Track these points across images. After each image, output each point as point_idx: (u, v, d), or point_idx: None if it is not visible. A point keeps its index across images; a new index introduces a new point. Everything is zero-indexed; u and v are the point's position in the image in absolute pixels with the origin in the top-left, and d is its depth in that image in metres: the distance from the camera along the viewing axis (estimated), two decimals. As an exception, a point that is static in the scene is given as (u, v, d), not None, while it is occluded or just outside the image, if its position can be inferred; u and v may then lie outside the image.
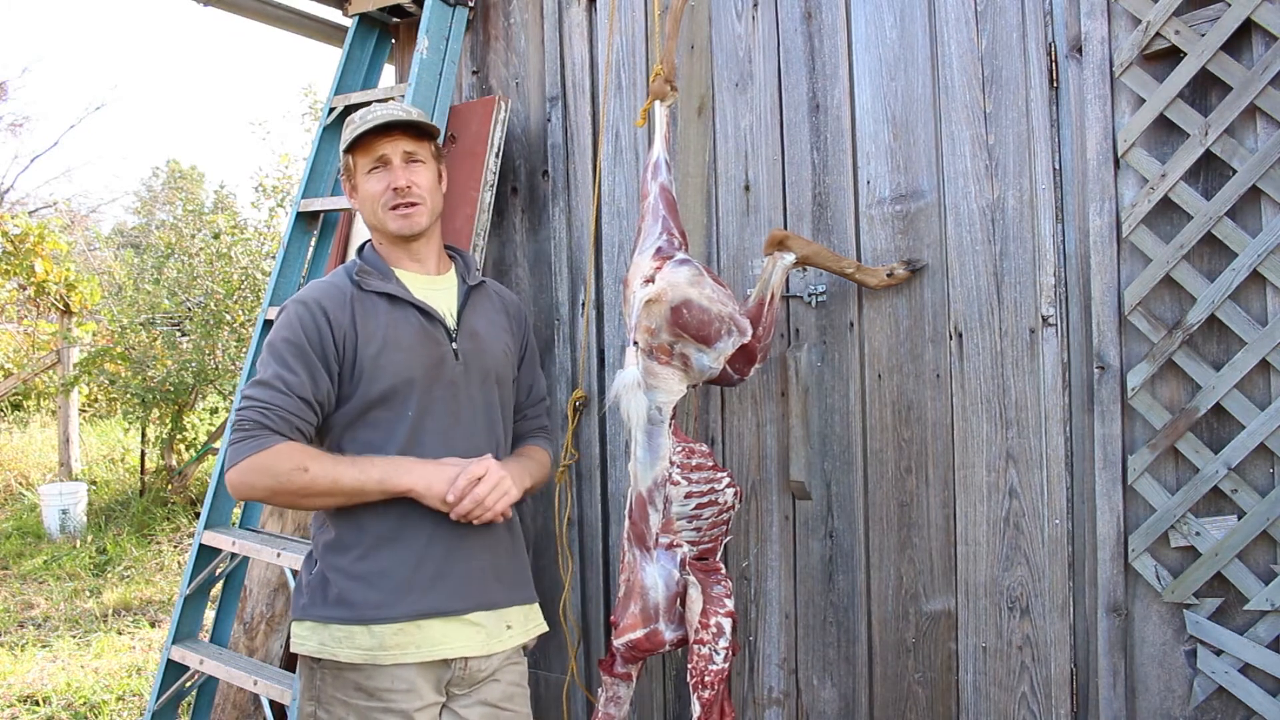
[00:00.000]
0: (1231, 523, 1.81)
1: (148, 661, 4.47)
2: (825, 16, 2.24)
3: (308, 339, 1.73)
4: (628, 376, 1.91)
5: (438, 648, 1.74)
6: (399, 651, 1.71)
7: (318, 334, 1.74)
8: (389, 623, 1.71)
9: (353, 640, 1.70)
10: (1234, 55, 1.80)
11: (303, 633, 1.76)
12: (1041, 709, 1.99)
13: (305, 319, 1.75)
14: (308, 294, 1.80)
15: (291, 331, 1.74)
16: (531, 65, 2.74)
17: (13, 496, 8.04)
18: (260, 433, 1.66)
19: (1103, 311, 1.92)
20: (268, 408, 1.67)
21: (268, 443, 1.65)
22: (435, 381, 1.79)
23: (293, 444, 1.68)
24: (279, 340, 1.74)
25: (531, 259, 2.74)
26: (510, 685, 1.86)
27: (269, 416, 1.67)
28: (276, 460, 1.65)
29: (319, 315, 1.75)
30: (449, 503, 1.72)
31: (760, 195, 2.34)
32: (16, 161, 19.46)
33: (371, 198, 1.85)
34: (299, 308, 1.77)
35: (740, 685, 2.37)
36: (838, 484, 2.23)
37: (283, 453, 1.66)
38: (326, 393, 1.74)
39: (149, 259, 8.42)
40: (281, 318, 1.78)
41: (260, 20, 3.25)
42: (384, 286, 1.80)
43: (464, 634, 1.77)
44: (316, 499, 1.69)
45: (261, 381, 1.71)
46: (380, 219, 1.85)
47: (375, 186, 1.84)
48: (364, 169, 1.85)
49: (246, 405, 1.69)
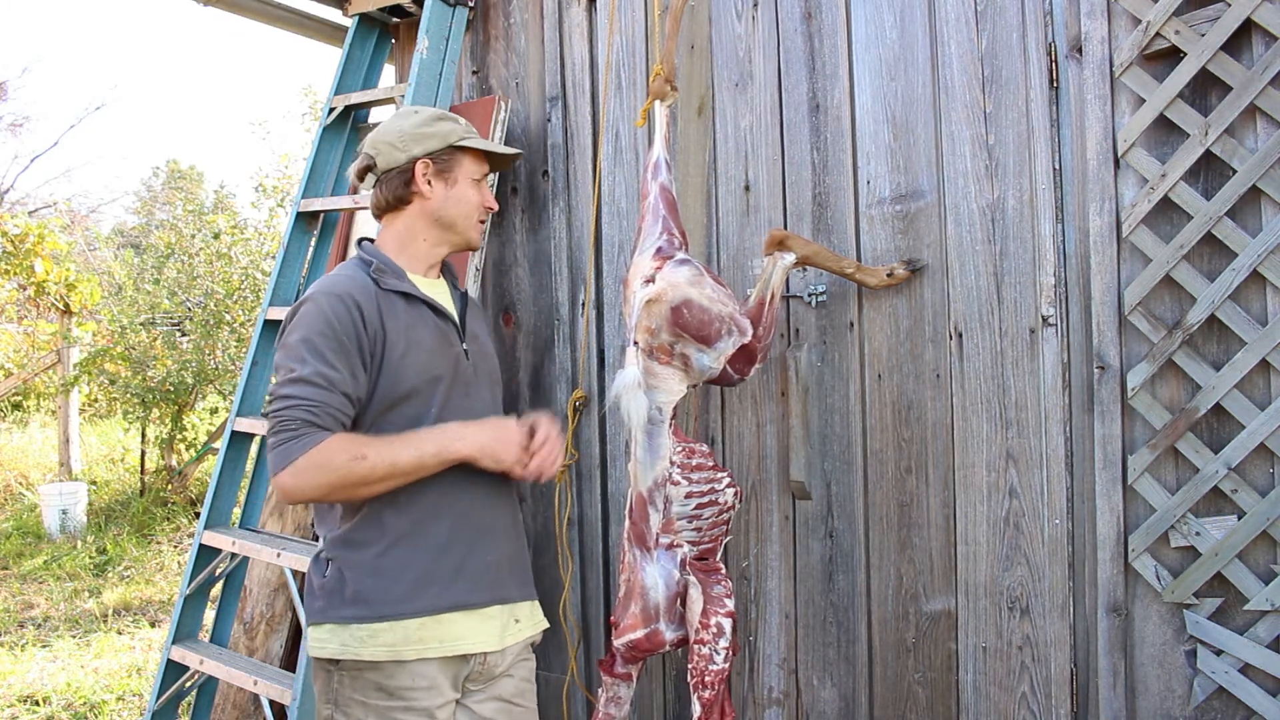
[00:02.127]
0: (1231, 523, 1.81)
1: (148, 661, 4.47)
2: (825, 16, 2.24)
3: (344, 332, 1.69)
4: (628, 376, 1.91)
5: (460, 642, 1.74)
6: (422, 646, 1.71)
7: (353, 327, 1.69)
8: (412, 618, 1.70)
9: (376, 638, 1.69)
10: (1234, 55, 1.80)
11: (322, 636, 1.73)
12: (1041, 709, 1.99)
13: (340, 312, 1.69)
14: (337, 286, 1.74)
15: (327, 325, 1.68)
16: (531, 65, 2.74)
17: (13, 496, 8.04)
18: (308, 430, 1.61)
19: (1103, 311, 1.92)
20: (314, 405, 1.63)
21: (318, 438, 1.61)
22: (454, 381, 1.80)
23: (343, 434, 1.64)
24: (315, 334, 1.68)
25: (531, 259, 2.74)
26: (522, 681, 1.88)
27: (315, 414, 1.62)
28: (332, 454, 1.61)
29: (353, 309, 1.70)
30: (521, 466, 1.74)
31: (760, 195, 2.34)
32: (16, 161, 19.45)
33: (474, 206, 1.88)
34: (332, 300, 1.71)
35: (740, 685, 2.37)
36: (838, 484, 2.24)
37: (335, 445, 1.61)
38: (364, 388, 1.71)
39: (149, 259, 8.41)
40: (311, 310, 1.71)
41: (260, 20, 3.25)
42: (401, 286, 1.80)
43: (484, 628, 1.78)
44: (376, 485, 1.66)
45: (302, 379, 1.64)
46: (469, 226, 1.89)
47: (478, 197, 1.89)
48: (474, 174, 1.88)
49: (291, 404, 1.63)
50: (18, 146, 21.36)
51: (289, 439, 1.61)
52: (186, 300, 7.69)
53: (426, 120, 1.85)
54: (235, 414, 2.76)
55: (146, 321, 7.73)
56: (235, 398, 2.79)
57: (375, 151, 1.84)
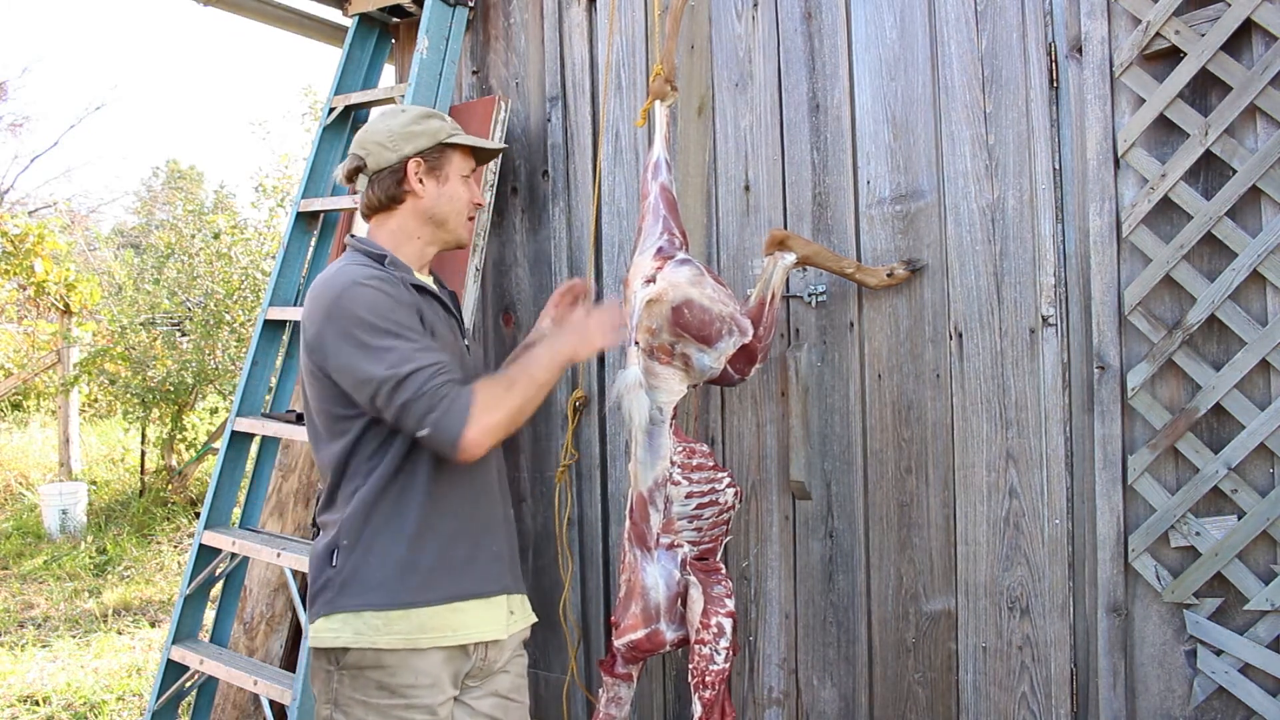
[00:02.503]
0: (1231, 523, 1.81)
1: (148, 661, 4.46)
2: (825, 16, 2.24)
3: (405, 303, 1.70)
4: (629, 376, 1.92)
5: (472, 630, 1.75)
6: (437, 635, 1.71)
7: (410, 300, 1.72)
8: (425, 606, 1.71)
9: (391, 626, 1.69)
10: (1234, 55, 1.80)
11: (334, 626, 1.71)
12: (1041, 709, 1.99)
13: (392, 292, 1.69)
14: (370, 275, 1.72)
15: (389, 302, 1.67)
16: (531, 65, 2.74)
17: (13, 496, 8.04)
18: (451, 390, 1.61)
19: (1103, 311, 1.92)
20: (438, 367, 1.62)
21: (465, 392, 1.62)
22: (464, 371, 1.81)
23: (476, 382, 1.67)
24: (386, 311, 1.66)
25: (531, 259, 2.74)
26: (517, 677, 1.89)
27: (448, 372, 1.63)
28: (490, 396, 1.63)
29: (399, 288, 1.72)
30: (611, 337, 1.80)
31: (760, 195, 2.34)
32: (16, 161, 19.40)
33: (463, 202, 1.88)
34: (379, 284, 1.69)
35: (740, 685, 2.37)
36: (838, 484, 2.24)
37: (484, 388, 1.65)
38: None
39: (149, 259, 8.41)
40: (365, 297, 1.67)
41: (260, 20, 3.25)
42: (413, 279, 1.81)
43: (493, 616, 1.79)
44: (532, 404, 1.71)
45: (409, 353, 1.62)
46: (460, 224, 1.89)
47: (468, 194, 1.89)
48: (463, 170, 1.89)
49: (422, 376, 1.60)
50: (18, 146, 21.34)
51: (444, 406, 1.60)
52: (186, 300, 7.69)
53: (415, 119, 1.84)
54: (235, 414, 2.76)
55: (146, 321, 7.73)
56: (235, 398, 2.79)
57: (365, 152, 1.82)
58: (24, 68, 26.56)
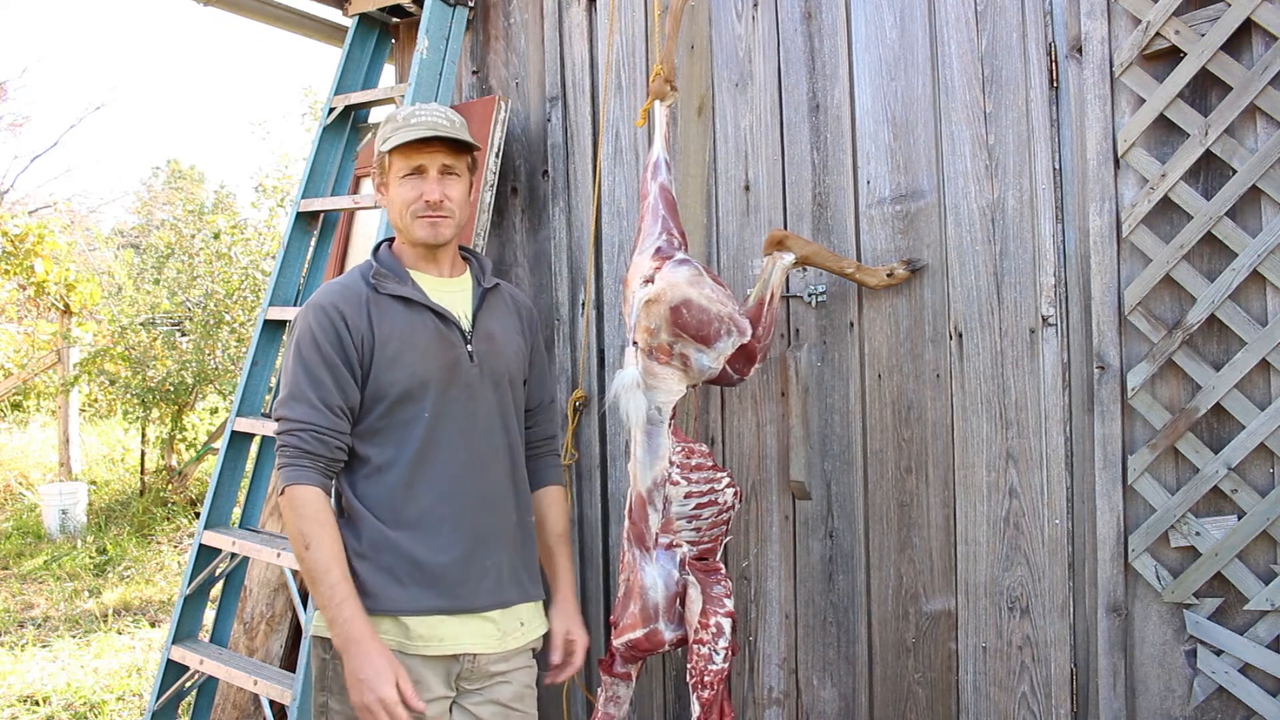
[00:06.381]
0: (1231, 523, 1.81)
1: (148, 661, 4.47)
2: (825, 16, 2.24)
3: (329, 346, 1.75)
4: (627, 376, 1.92)
5: (459, 643, 1.78)
6: (422, 644, 1.75)
7: (338, 339, 1.75)
8: (411, 615, 1.75)
9: (379, 627, 1.73)
10: (1234, 55, 1.80)
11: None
12: (1041, 709, 1.99)
13: (325, 325, 1.76)
14: (323, 298, 1.80)
15: (313, 340, 1.75)
16: (531, 65, 2.74)
17: (13, 496, 8.03)
18: (301, 460, 1.72)
19: (1103, 311, 1.92)
20: (305, 429, 1.72)
21: (302, 479, 1.71)
22: (451, 383, 1.80)
23: (318, 499, 1.72)
24: (302, 352, 1.76)
25: (531, 259, 2.74)
26: (521, 687, 1.88)
27: (306, 440, 1.72)
28: (300, 508, 1.70)
29: (337, 320, 1.76)
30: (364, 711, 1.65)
31: (760, 195, 2.34)
32: (16, 161, 19.40)
33: (403, 203, 1.83)
34: (317, 313, 1.78)
35: (740, 685, 2.37)
36: (838, 484, 2.23)
37: (308, 505, 1.71)
38: (355, 398, 1.78)
39: (149, 259, 8.41)
40: (299, 326, 1.79)
41: (260, 20, 3.25)
42: (400, 290, 1.81)
43: (483, 630, 1.80)
44: (300, 564, 1.74)
45: (293, 398, 1.74)
46: (407, 224, 1.84)
47: (409, 193, 1.82)
48: (400, 172, 1.83)
49: (285, 429, 1.74)
50: (18, 146, 21.36)
51: (283, 464, 1.74)
52: (186, 300, 7.69)
53: (381, 132, 1.87)
54: (235, 414, 2.76)
55: (146, 321, 7.73)
56: (235, 398, 2.79)
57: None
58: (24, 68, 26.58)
